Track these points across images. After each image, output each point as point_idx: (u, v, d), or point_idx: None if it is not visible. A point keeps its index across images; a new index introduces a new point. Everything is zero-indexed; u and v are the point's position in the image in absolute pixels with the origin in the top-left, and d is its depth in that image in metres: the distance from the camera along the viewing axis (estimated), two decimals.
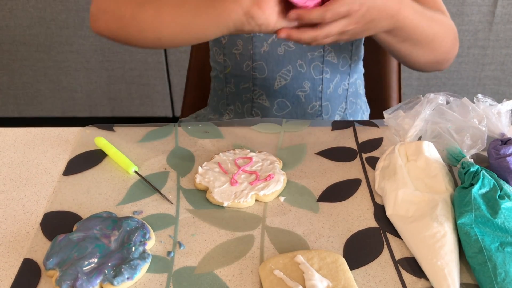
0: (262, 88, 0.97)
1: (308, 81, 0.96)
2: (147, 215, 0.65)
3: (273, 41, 0.92)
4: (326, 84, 0.97)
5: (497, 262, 0.54)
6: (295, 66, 0.94)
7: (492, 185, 0.62)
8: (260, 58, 0.94)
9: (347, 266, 0.57)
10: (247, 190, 0.67)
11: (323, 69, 0.95)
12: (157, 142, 0.78)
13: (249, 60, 0.95)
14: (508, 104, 0.70)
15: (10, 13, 1.94)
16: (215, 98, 1.05)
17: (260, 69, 0.95)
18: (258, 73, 0.95)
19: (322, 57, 0.94)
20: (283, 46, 0.93)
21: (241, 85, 0.98)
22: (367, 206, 0.66)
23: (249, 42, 0.93)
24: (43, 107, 2.17)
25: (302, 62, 0.94)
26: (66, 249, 0.58)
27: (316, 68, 0.95)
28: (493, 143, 0.68)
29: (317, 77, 0.95)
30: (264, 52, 0.93)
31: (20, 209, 0.66)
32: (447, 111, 0.69)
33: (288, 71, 0.95)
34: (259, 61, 0.94)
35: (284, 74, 0.95)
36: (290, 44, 0.93)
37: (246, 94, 0.98)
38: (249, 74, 0.96)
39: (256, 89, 0.97)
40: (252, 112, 0.99)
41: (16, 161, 0.74)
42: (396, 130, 0.71)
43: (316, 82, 0.96)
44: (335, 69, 0.97)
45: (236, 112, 1.01)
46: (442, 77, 2.05)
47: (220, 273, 0.57)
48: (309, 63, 0.94)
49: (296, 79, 0.96)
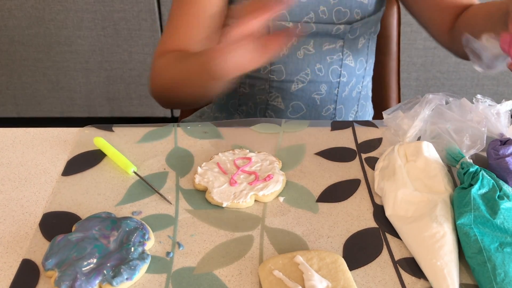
0: (278, 91, 0.97)
1: (325, 85, 0.96)
2: (146, 215, 0.65)
3: (292, 45, 0.93)
4: (342, 88, 0.97)
5: (496, 262, 0.54)
6: (314, 69, 0.95)
7: (492, 185, 0.62)
8: (279, 61, 0.94)
9: (346, 267, 0.57)
10: (246, 190, 0.67)
11: (341, 73, 0.96)
12: (156, 142, 0.78)
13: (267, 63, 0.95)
14: (507, 104, 0.70)
15: (8, 13, 1.94)
16: (224, 97, 1.04)
17: (278, 72, 0.95)
18: (276, 76, 0.95)
19: (341, 60, 0.95)
20: (303, 49, 0.93)
21: (256, 87, 0.97)
22: (367, 207, 0.66)
23: None
24: (42, 107, 2.16)
25: (321, 65, 0.94)
26: (65, 249, 0.58)
27: (334, 71, 0.95)
28: (492, 143, 0.68)
29: (334, 80, 0.96)
30: (284, 56, 0.94)
31: (19, 209, 0.66)
32: (446, 111, 0.69)
33: (306, 74, 0.95)
34: (278, 65, 0.94)
35: (302, 78, 0.95)
36: (309, 47, 0.93)
37: (261, 95, 0.98)
38: (266, 76, 0.96)
39: (273, 91, 0.97)
40: (266, 114, 0.99)
41: (15, 161, 0.74)
42: (395, 130, 0.71)
43: (333, 85, 0.96)
44: (352, 72, 0.97)
45: (248, 113, 1.00)
46: (440, 78, 2.05)
47: (220, 274, 0.57)
48: (327, 67, 0.95)
49: (314, 82, 0.96)
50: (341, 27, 0.91)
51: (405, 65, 2.01)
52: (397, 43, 1.17)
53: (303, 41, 0.93)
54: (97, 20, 1.94)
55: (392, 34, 1.16)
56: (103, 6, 1.92)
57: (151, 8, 1.91)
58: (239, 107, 1.01)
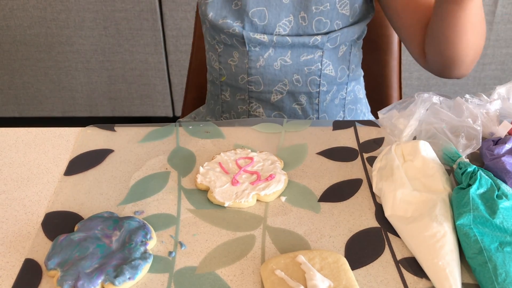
0: (258, 101, 0.96)
1: (305, 95, 0.95)
2: (148, 215, 0.65)
3: (269, 56, 0.92)
4: (322, 97, 0.96)
5: (497, 262, 0.54)
6: (292, 80, 0.93)
7: (490, 185, 0.61)
8: (256, 72, 0.93)
9: (348, 266, 0.57)
10: (248, 190, 0.67)
11: (320, 82, 0.94)
12: (158, 142, 0.78)
13: (245, 73, 0.94)
14: (496, 103, 0.70)
15: (10, 13, 1.94)
16: (211, 102, 1.04)
17: (256, 83, 0.94)
18: (254, 87, 0.95)
19: (320, 70, 0.93)
20: (280, 60, 0.92)
21: (237, 96, 0.97)
22: (368, 206, 0.66)
23: (245, 56, 0.92)
24: (43, 107, 2.17)
25: (299, 76, 0.93)
26: (67, 249, 0.58)
27: (312, 81, 0.94)
28: (485, 143, 0.68)
29: (313, 90, 0.95)
30: (260, 67, 0.92)
31: (21, 209, 0.66)
32: (442, 110, 0.69)
33: (284, 85, 0.94)
34: (255, 76, 0.94)
35: (280, 88, 0.94)
36: (286, 59, 0.92)
37: (242, 105, 0.98)
38: (244, 86, 0.95)
39: (253, 102, 0.96)
40: None
41: (17, 161, 0.75)
42: (391, 130, 0.71)
43: (313, 95, 0.95)
44: (332, 81, 0.95)
45: None
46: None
47: (222, 273, 0.57)
48: (305, 77, 0.93)
49: (293, 93, 0.95)
50: (319, 38, 0.89)
51: (407, 64, 2.01)
52: (398, 42, 1.17)
53: (280, 52, 0.91)
54: (98, 20, 1.95)
55: (393, 33, 1.15)
56: (105, 6, 1.92)
57: (152, 8, 1.92)
58: (222, 113, 1.01)
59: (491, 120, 0.70)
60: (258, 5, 0.89)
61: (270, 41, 0.90)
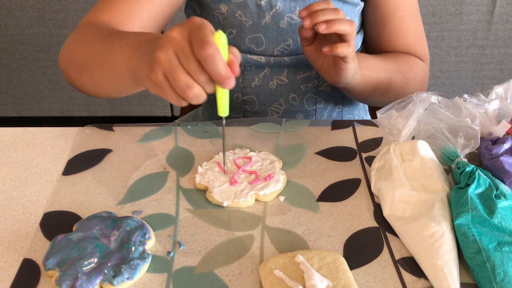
0: None
1: (302, 114, 0.94)
2: (146, 215, 0.65)
3: (264, 75, 0.90)
4: (319, 114, 0.95)
5: (495, 262, 0.54)
6: (287, 99, 0.92)
7: (488, 184, 0.62)
8: (251, 92, 0.92)
9: (347, 266, 0.57)
10: (247, 189, 0.67)
11: (317, 100, 0.93)
12: (157, 142, 0.78)
13: (239, 92, 0.92)
14: (495, 103, 0.70)
15: (8, 12, 1.94)
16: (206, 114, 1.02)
17: (250, 103, 0.93)
18: (249, 107, 0.93)
19: (316, 87, 0.92)
20: (275, 80, 0.91)
21: (231, 114, 0.95)
22: (367, 206, 0.66)
23: (240, 75, 0.90)
24: (42, 107, 2.16)
25: (295, 95, 0.92)
26: (65, 249, 0.58)
27: (309, 100, 0.93)
28: (484, 143, 0.68)
29: (310, 108, 0.94)
30: (255, 86, 0.91)
31: (19, 209, 0.66)
32: (440, 110, 0.69)
33: (280, 104, 0.93)
34: (250, 95, 0.92)
35: (276, 108, 0.93)
36: (283, 77, 0.91)
37: None
38: (239, 105, 0.94)
39: None
40: None
41: (16, 161, 0.74)
42: (390, 130, 0.71)
43: (310, 113, 0.94)
44: (329, 97, 0.94)
45: None
46: (441, 77, 2.05)
47: (220, 273, 0.57)
48: (302, 96, 0.92)
49: (289, 112, 0.93)
50: None
51: None
52: None
53: (276, 72, 0.90)
54: None
55: None
56: None
57: None
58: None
59: (489, 120, 0.70)
60: (254, 32, 0.87)
61: (267, 62, 0.89)
